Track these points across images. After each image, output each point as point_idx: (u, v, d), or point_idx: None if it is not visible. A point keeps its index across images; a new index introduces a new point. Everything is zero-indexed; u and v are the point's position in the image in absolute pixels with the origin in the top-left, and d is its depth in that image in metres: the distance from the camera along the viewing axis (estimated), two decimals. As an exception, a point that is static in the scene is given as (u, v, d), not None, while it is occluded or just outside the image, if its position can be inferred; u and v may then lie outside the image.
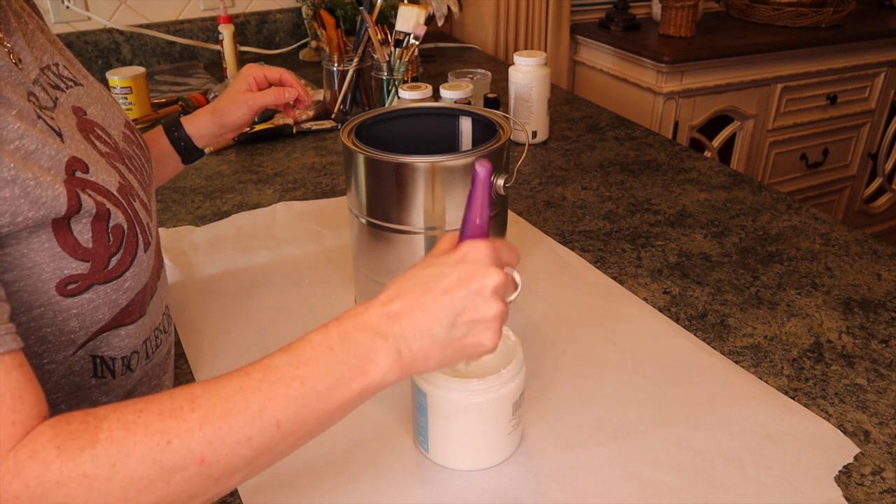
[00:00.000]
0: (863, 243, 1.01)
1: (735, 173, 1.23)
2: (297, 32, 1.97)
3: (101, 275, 0.52)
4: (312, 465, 0.66)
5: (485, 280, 0.49)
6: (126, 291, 0.55)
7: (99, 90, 0.64)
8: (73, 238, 0.50)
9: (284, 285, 0.93)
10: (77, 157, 0.52)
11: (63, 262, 0.49)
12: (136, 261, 0.55)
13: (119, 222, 0.53)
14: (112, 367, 0.57)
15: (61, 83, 0.58)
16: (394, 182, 0.75)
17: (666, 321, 0.85)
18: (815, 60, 2.17)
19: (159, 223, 1.07)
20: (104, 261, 0.52)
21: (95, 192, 0.52)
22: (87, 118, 0.59)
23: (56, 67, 0.59)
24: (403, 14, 1.32)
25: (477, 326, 0.49)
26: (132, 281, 0.55)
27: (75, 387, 0.55)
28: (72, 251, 0.50)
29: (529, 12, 2.12)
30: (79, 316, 0.52)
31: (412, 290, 0.49)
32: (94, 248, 0.51)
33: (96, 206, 0.51)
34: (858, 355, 0.79)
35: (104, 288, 0.53)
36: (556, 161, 1.30)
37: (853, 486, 0.63)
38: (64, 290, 0.50)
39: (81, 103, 0.59)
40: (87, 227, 0.51)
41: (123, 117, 0.66)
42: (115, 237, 0.53)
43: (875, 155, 2.52)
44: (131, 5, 1.77)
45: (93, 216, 0.51)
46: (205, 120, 0.86)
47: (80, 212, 0.50)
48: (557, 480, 0.64)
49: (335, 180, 1.23)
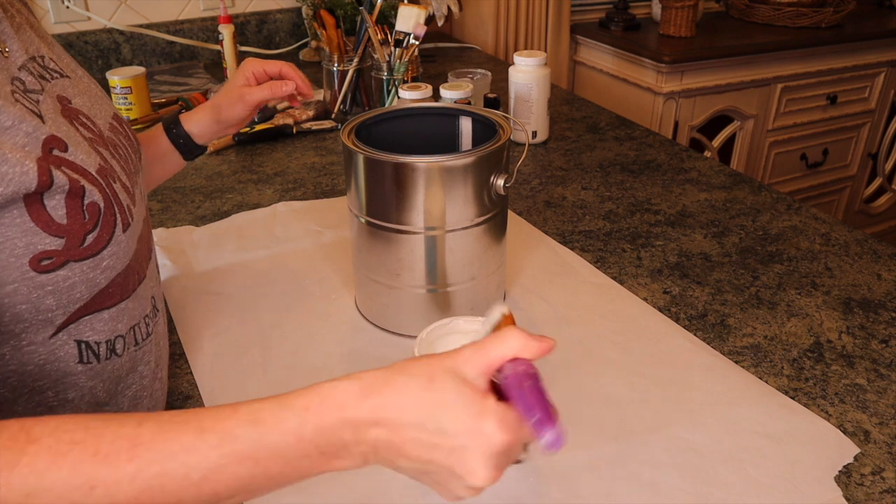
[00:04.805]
0: (863, 243, 1.01)
1: (735, 173, 1.23)
2: (297, 32, 1.97)
3: (76, 251, 0.52)
4: (312, 465, 0.66)
5: (471, 482, 0.42)
6: (104, 271, 0.54)
7: (87, 84, 0.64)
8: (46, 213, 0.49)
9: (284, 285, 0.93)
10: (56, 136, 0.52)
11: (36, 238, 0.49)
12: (113, 239, 0.54)
13: (95, 200, 0.53)
14: (97, 352, 0.57)
15: (47, 74, 0.58)
16: (393, 182, 0.75)
17: (666, 321, 0.85)
18: (815, 60, 2.17)
19: (160, 223, 1.08)
20: (79, 238, 0.52)
21: (72, 170, 0.52)
22: (73, 107, 0.58)
23: (42, 59, 0.59)
24: (403, 14, 1.32)
25: (442, 491, 0.45)
26: (110, 260, 0.55)
27: (61, 373, 0.55)
28: (45, 226, 0.49)
29: (529, 12, 2.12)
30: (55, 293, 0.51)
31: (401, 428, 0.42)
32: (68, 224, 0.51)
33: (70, 182, 0.50)
34: (858, 355, 0.79)
35: (80, 265, 0.52)
36: (556, 161, 1.30)
37: (853, 486, 0.63)
38: (38, 265, 0.50)
39: (67, 93, 0.59)
40: (60, 203, 0.50)
41: (112, 111, 0.66)
42: (90, 214, 0.52)
43: (875, 155, 2.51)
44: (131, 5, 1.77)
45: (66, 192, 0.50)
46: (203, 117, 0.85)
47: (52, 187, 0.49)
48: (557, 480, 0.64)
49: (335, 180, 1.23)
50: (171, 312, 0.87)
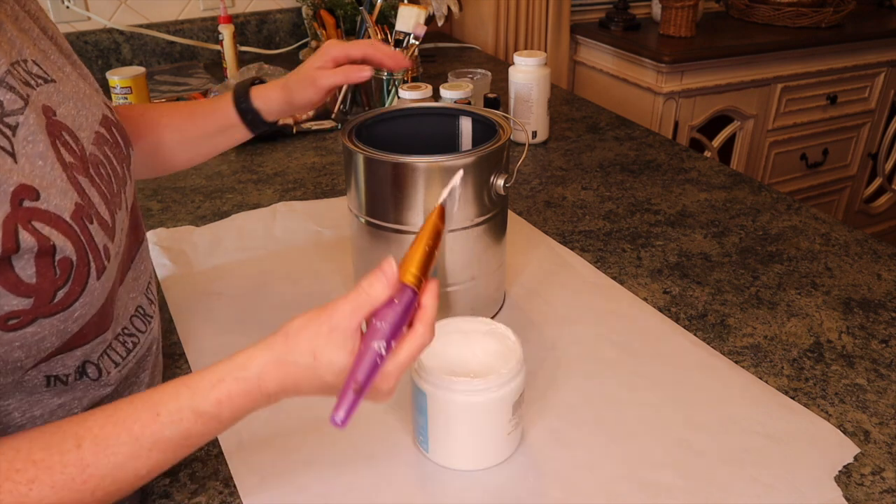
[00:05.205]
0: (863, 243, 1.01)
1: (735, 173, 1.23)
2: (297, 32, 1.97)
3: (45, 308, 0.49)
4: (312, 465, 0.66)
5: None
6: (76, 320, 0.52)
7: (74, 84, 0.59)
8: (13, 275, 0.47)
9: (284, 285, 0.93)
10: (26, 185, 0.48)
11: (3, 300, 0.47)
12: (86, 290, 0.52)
13: (67, 254, 0.50)
14: (65, 380, 0.56)
15: (31, 80, 0.54)
16: (393, 182, 0.75)
17: (666, 321, 0.85)
18: (815, 60, 2.17)
19: (159, 223, 1.08)
20: (49, 295, 0.49)
21: (43, 221, 0.48)
22: (57, 119, 0.54)
23: (25, 64, 0.54)
24: (403, 14, 1.32)
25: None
26: (82, 310, 0.52)
27: (27, 394, 0.54)
28: (12, 288, 0.47)
29: (529, 12, 2.12)
30: (24, 347, 0.50)
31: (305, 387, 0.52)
32: (37, 283, 0.48)
33: (38, 242, 0.47)
34: (858, 355, 0.79)
35: (50, 320, 0.50)
36: (556, 161, 1.30)
37: (853, 486, 0.63)
38: (5, 325, 0.47)
39: (52, 102, 0.55)
40: (29, 263, 0.47)
41: (100, 113, 0.61)
42: (62, 270, 0.50)
43: (875, 155, 2.52)
44: (131, 5, 1.77)
45: (35, 253, 0.47)
46: (274, 94, 0.80)
47: (20, 251, 0.46)
48: (557, 480, 0.64)
49: (335, 180, 1.23)
50: (171, 312, 0.87)
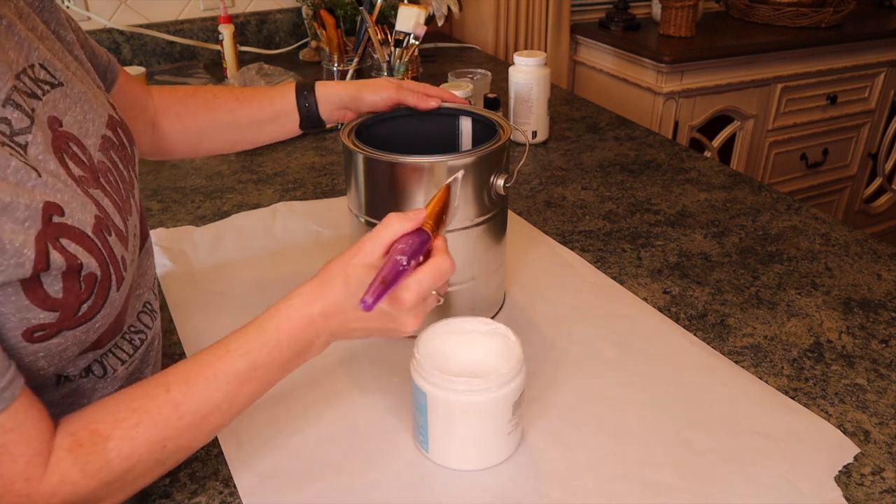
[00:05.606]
0: (863, 243, 1.01)
1: (735, 173, 1.23)
2: (297, 32, 1.97)
3: (70, 321, 0.51)
4: (313, 465, 0.66)
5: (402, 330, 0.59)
6: (97, 330, 0.54)
7: (81, 84, 0.59)
8: (42, 291, 0.48)
9: (284, 285, 0.92)
10: (51, 202, 0.49)
11: (30, 314, 0.48)
12: (107, 302, 0.54)
13: (92, 270, 0.51)
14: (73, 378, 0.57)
15: (38, 89, 0.54)
16: (393, 182, 0.74)
17: (666, 321, 0.85)
18: (815, 60, 2.17)
19: (159, 223, 1.08)
20: (74, 308, 0.51)
21: (70, 238, 0.50)
22: (63, 131, 0.54)
23: (32, 69, 0.54)
24: (403, 14, 1.32)
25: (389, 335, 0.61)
26: (103, 320, 0.54)
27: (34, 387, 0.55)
28: (40, 303, 0.48)
29: (529, 12, 2.13)
30: (47, 357, 0.51)
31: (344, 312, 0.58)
32: (63, 298, 0.50)
33: (66, 261, 0.49)
34: (858, 355, 0.79)
35: (73, 332, 0.52)
36: (556, 161, 1.30)
37: (853, 486, 0.63)
38: (31, 337, 0.49)
39: (58, 111, 0.55)
40: (57, 280, 0.49)
41: (106, 115, 0.61)
42: (86, 284, 0.51)
43: (875, 155, 2.52)
44: (131, 5, 1.77)
45: (63, 270, 0.49)
46: (339, 88, 0.82)
47: (50, 269, 0.48)
48: (557, 480, 0.64)
49: (335, 180, 1.23)
50: (171, 312, 0.87)
